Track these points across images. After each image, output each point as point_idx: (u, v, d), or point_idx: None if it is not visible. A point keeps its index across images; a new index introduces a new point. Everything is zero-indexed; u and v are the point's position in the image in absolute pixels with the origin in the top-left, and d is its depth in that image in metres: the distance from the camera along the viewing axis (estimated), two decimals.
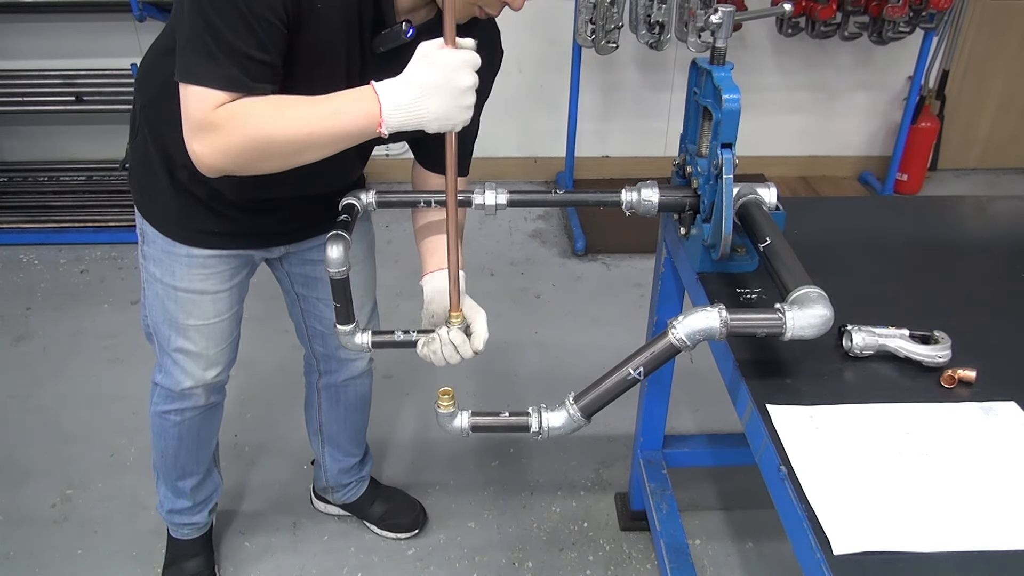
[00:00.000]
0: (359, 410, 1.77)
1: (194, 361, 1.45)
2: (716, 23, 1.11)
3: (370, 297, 1.61)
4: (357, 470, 1.85)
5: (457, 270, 1.15)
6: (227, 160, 1.04)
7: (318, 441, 1.81)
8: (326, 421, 1.77)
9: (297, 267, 1.50)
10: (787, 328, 0.93)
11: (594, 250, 3.14)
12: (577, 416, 1.02)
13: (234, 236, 1.35)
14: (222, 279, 1.39)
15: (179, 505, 1.70)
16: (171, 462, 1.63)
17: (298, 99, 1.03)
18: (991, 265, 1.31)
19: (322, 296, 1.52)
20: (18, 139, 3.48)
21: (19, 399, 2.31)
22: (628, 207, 1.21)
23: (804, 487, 0.84)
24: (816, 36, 3.27)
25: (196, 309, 1.39)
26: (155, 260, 1.36)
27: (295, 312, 1.60)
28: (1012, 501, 0.84)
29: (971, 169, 3.97)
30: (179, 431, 1.57)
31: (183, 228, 1.32)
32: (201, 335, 1.43)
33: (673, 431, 1.87)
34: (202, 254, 1.34)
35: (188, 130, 1.03)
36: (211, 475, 1.73)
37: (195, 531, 1.75)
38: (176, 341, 1.42)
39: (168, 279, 1.36)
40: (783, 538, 0.89)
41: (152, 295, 1.41)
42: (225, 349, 1.48)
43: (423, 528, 1.91)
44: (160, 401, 1.54)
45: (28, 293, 2.81)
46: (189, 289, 1.37)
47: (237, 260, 1.40)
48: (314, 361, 1.69)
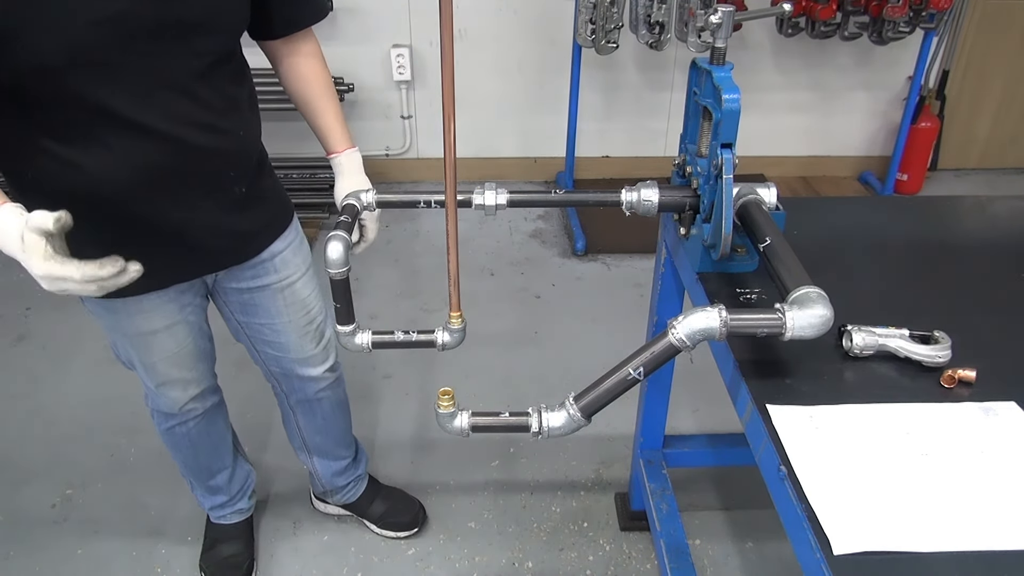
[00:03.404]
0: (338, 416, 1.73)
1: (171, 387, 1.46)
2: (716, 23, 1.11)
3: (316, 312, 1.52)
4: (352, 470, 1.84)
5: (457, 274, 1.15)
6: None
7: (305, 454, 1.79)
8: (308, 434, 1.73)
9: (233, 296, 1.43)
10: (787, 328, 0.93)
11: (594, 250, 3.14)
12: (577, 416, 1.02)
13: (152, 275, 1.11)
14: (169, 313, 1.34)
15: (217, 501, 1.74)
16: (195, 467, 1.66)
17: None
18: (991, 265, 1.31)
19: (264, 320, 1.46)
20: None
21: (19, 399, 2.31)
22: (628, 207, 1.21)
23: (804, 487, 0.84)
24: (816, 36, 3.27)
25: (156, 347, 1.37)
26: (96, 314, 1.34)
27: (242, 338, 1.54)
28: (1012, 501, 0.84)
29: (971, 169, 3.97)
30: (190, 438, 1.60)
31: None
32: (171, 365, 1.42)
33: (673, 431, 1.87)
34: (133, 301, 1.29)
35: None
36: (240, 463, 1.77)
37: (239, 516, 1.80)
38: (150, 376, 1.43)
39: (119, 328, 1.34)
40: (783, 538, 0.89)
41: (112, 341, 1.41)
42: (201, 365, 1.48)
43: (423, 527, 1.91)
44: (161, 421, 1.57)
45: (28, 293, 2.81)
46: (139, 332, 1.34)
47: (172, 294, 1.33)
48: (276, 383, 1.64)
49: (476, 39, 3.37)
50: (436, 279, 2.91)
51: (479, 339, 2.17)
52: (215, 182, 1.23)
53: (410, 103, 3.54)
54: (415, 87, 3.50)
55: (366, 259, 2.62)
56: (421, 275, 2.89)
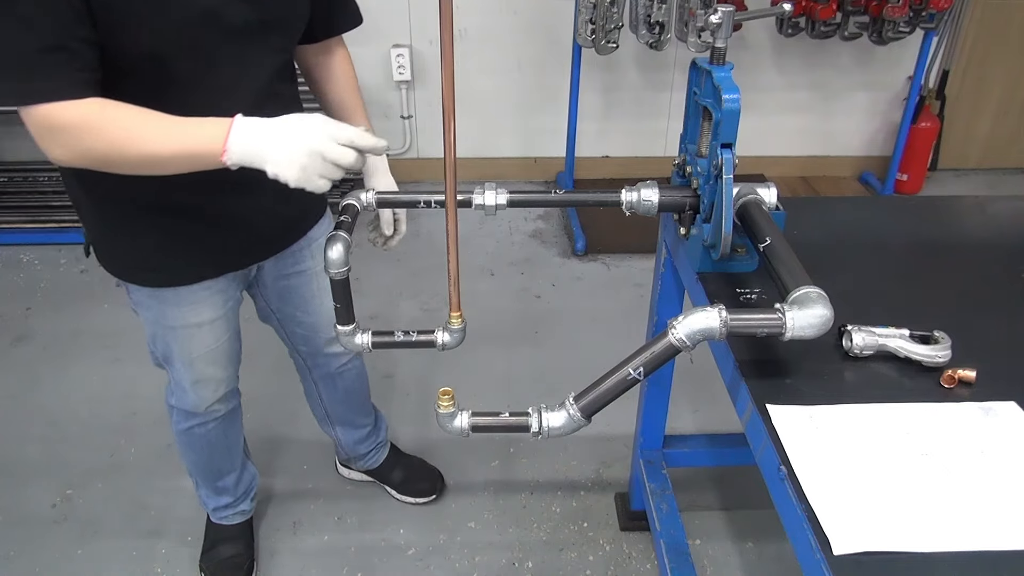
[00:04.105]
0: (358, 384, 1.83)
1: (204, 386, 1.50)
2: (716, 23, 1.11)
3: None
4: (373, 437, 1.93)
5: (457, 274, 1.15)
6: (76, 158, 1.05)
7: (328, 424, 1.89)
8: (330, 405, 1.83)
9: (271, 283, 1.52)
10: (787, 328, 0.93)
11: (594, 250, 3.14)
12: (577, 416, 1.02)
13: (208, 264, 1.35)
14: (213, 307, 1.40)
15: (222, 502, 1.77)
16: (207, 468, 1.70)
17: (148, 112, 1.04)
18: (991, 265, 1.31)
19: (297, 305, 1.55)
20: (18, 139, 3.48)
21: (19, 399, 2.31)
22: (628, 207, 1.21)
23: (804, 487, 0.84)
24: (816, 36, 3.27)
25: (196, 342, 1.42)
26: (144, 305, 1.39)
27: (272, 321, 1.62)
28: (1012, 501, 0.84)
29: (971, 169, 3.97)
30: (207, 440, 1.63)
31: (158, 273, 1.33)
32: (206, 363, 1.46)
33: (673, 431, 1.87)
34: (185, 291, 1.35)
35: (37, 136, 1.05)
36: (246, 466, 1.80)
37: (240, 517, 1.82)
38: (184, 372, 1.47)
39: (162, 320, 1.39)
40: (783, 538, 0.89)
41: (152, 334, 1.44)
42: (231, 367, 1.53)
43: (441, 494, 1.99)
44: (180, 420, 1.59)
45: (28, 293, 2.81)
46: (185, 324, 1.39)
47: (222, 285, 1.40)
48: (301, 360, 1.73)
49: (476, 39, 3.36)
50: (436, 279, 2.90)
51: (479, 339, 2.17)
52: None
53: (410, 103, 3.54)
54: (415, 87, 3.50)
55: (366, 259, 2.62)
56: (421, 275, 2.88)
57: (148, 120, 1.04)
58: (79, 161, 1.06)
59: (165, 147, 1.04)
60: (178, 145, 1.04)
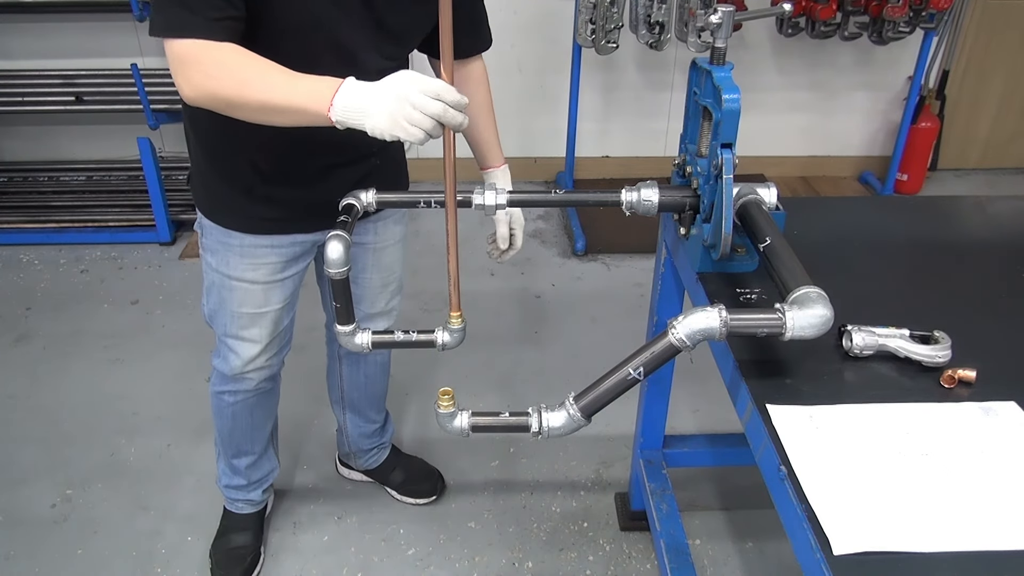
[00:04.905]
0: (379, 377, 1.85)
1: (246, 346, 1.53)
2: (716, 23, 1.11)
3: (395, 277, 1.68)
4: (378, 436, 1.94)
5: (457, 274, 1.15)
6: (204, 97, 1.12)
7: (340, 407, 1.89)
8: (347, 388, 1.85)
9: None
10: (787, 328, 0.93)
11: (594, 250, 3.14)
12: (577, 416, 1.02)
13: (285, 220, 1.41)
14: (273, 270, 1.46)
15: (235, 482, 1.78)
16: (228, 440, 1.72)
17: (272, 65, 1.11)
18: (991, 265, 1.31)
19: (356, 270, 1.59)
20: (18, 139, 3.48)
21: (19, 399, 2.31)
22: (628, 207, 1.21)
23: (804, 487, 0.84)
24: (816, 36, 3.27)
25: (248, 298, 1.47)
26: (211, 250, 1.45)
27: (323, 284, 1.67)
28: (1012, 501, 0.84)
29: (971, 169, 3.97)
30: (233, 411, 1.65)
31: (236, 215, 1.39)
32: (253, 322, 1.50)
33: (673, 431, 1.87)
34: (255, 243, 1.41)
35: (172, 69, 1.13)
36: (266, 456, 1.81)
37: (250, 507, 1.83)
38: (230, 327, 1.51)
39: (223, 268, 1.45)
40: (783, 538, 0.89)
41: (209, 283, 1.50)
42: (277, 337, 1.56)
43: (441, 495, 1.99)
44: (217, 382, 1.63)
45: (28, 293, 2.81)
46: (242, 278, 1.45)
47: (289, 251, 1.45)
48: (332, 333, 1.72)
49: None
50: (436, 279, 2.90)
51: (479, 339, 2.17)
52: (367, 149, 1.39)
53: None
54: None
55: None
56: (421, 275, 2.88)
57: (271, 71, 1.10)
58: (204, 100, 1.12)
59: (282, 98, 1.10)
60: (292, 97, 1.09)
